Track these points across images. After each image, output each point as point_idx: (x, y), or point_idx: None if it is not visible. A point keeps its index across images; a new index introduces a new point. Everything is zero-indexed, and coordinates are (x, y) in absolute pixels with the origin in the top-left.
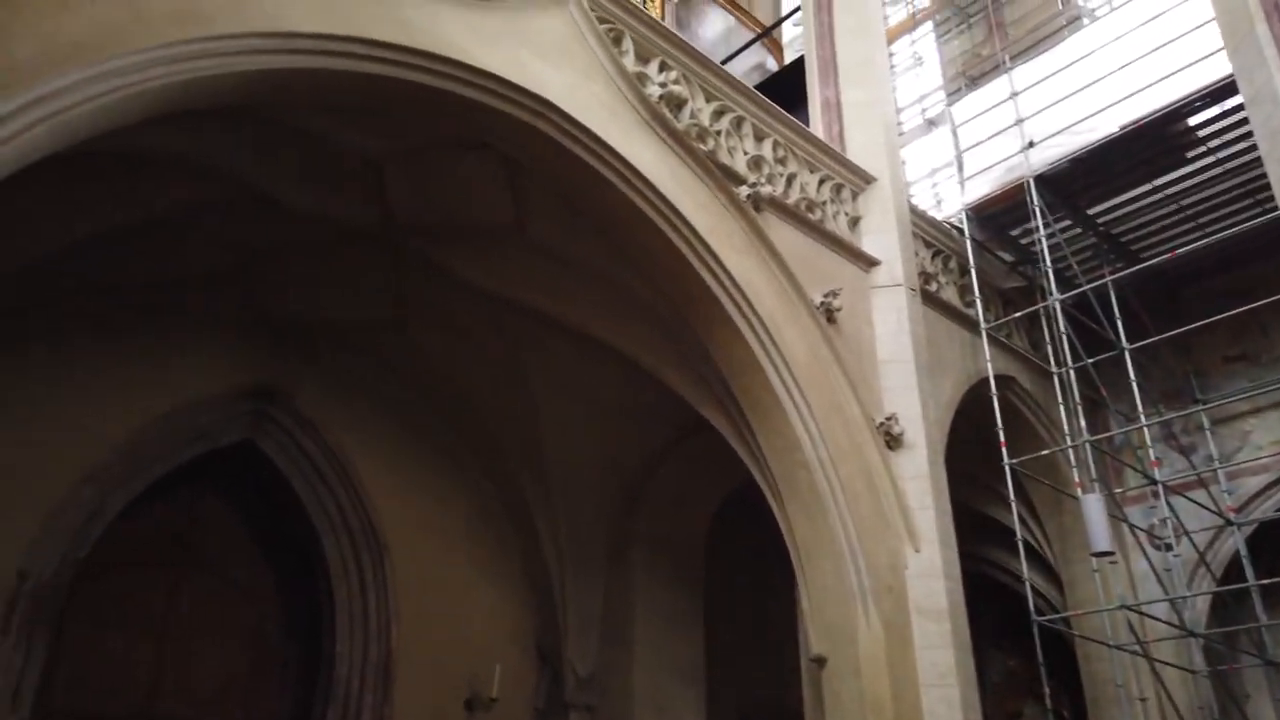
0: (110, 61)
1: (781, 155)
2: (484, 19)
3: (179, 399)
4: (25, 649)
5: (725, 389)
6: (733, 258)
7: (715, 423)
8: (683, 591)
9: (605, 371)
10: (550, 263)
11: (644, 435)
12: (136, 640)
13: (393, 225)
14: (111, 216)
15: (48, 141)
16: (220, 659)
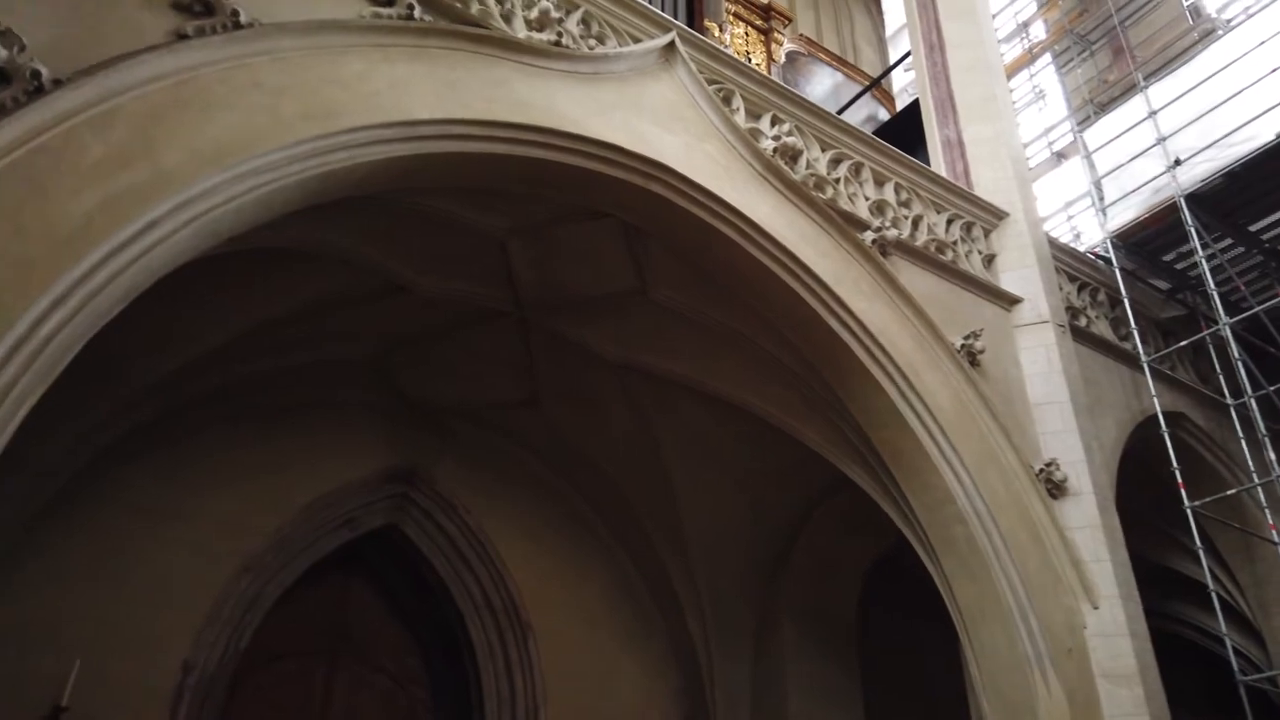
0: (250, 161)
1: (905, 198)
2: (596, 91)
3: (324, 487)
4: None
5: (866, 443)
6: (862, 304)
7: (858, 480)
8: (836, 662)
9: (739, 433)
10: (676, 326)
11: (784, 498)
12: None
13: (519, 302)
14: (254, 314)
15: (194, 242)
16: None
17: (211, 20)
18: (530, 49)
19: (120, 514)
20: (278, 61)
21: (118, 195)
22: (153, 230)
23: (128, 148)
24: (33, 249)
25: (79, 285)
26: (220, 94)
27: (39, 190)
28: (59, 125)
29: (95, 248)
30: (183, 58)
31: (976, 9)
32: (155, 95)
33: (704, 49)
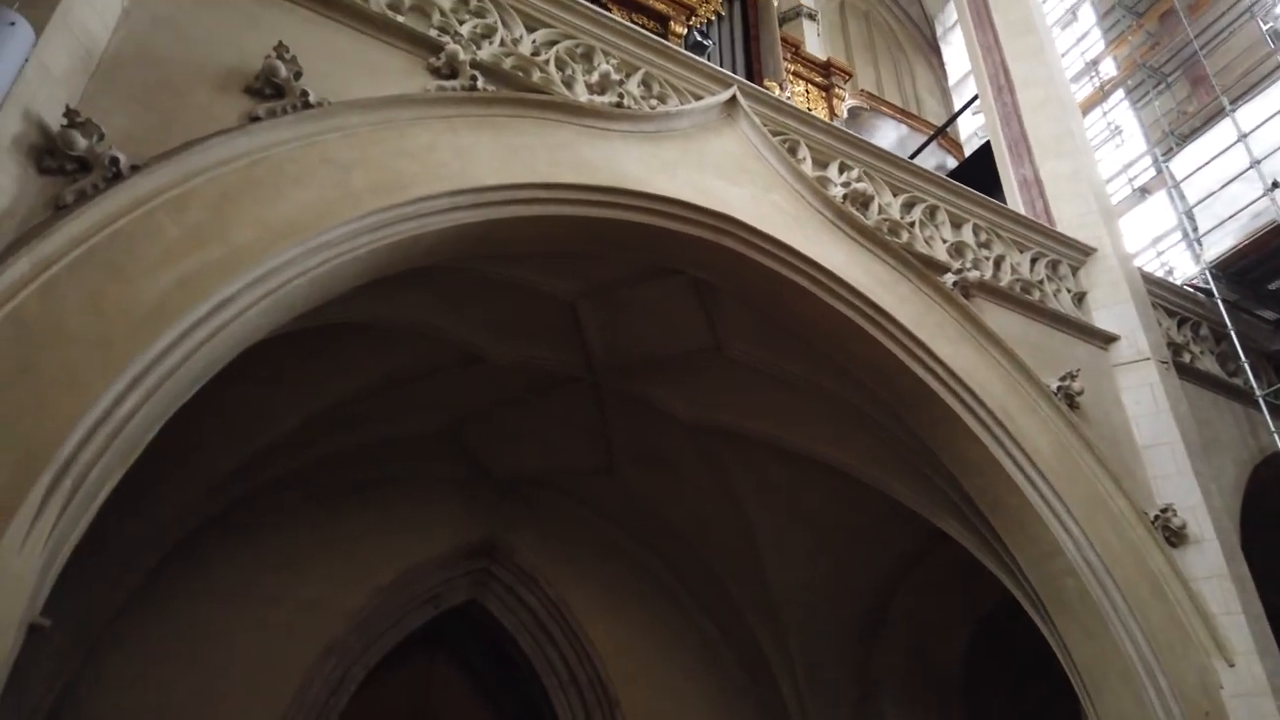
0: (321, 235)
1: (984, 239)
2: (659, 149)
3: (405, 564)
4: None
5: (961, 495)
6: (947, 349)
7: (956, 534)
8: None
9: (826, 491)
10: (753, 382)
11: (878, 557)
12: None
13: (592, 366)
14: (328, 392)
15: (269, 318)
16: None
17: (282, 102)
18: (593, 112)
19: (202, 600)
20: (347, 137)
21: (192, 274)
22: (227, 307)
23: (202, 228)
24: (111, 329)
25: (156, 364)
26: (291, 171)
27: (117, 273)
28: (136, 209)
29: (171, 326)
30: (255, 139)
31: (1044, 48)
32: (228, 176)
33: (766, 101)
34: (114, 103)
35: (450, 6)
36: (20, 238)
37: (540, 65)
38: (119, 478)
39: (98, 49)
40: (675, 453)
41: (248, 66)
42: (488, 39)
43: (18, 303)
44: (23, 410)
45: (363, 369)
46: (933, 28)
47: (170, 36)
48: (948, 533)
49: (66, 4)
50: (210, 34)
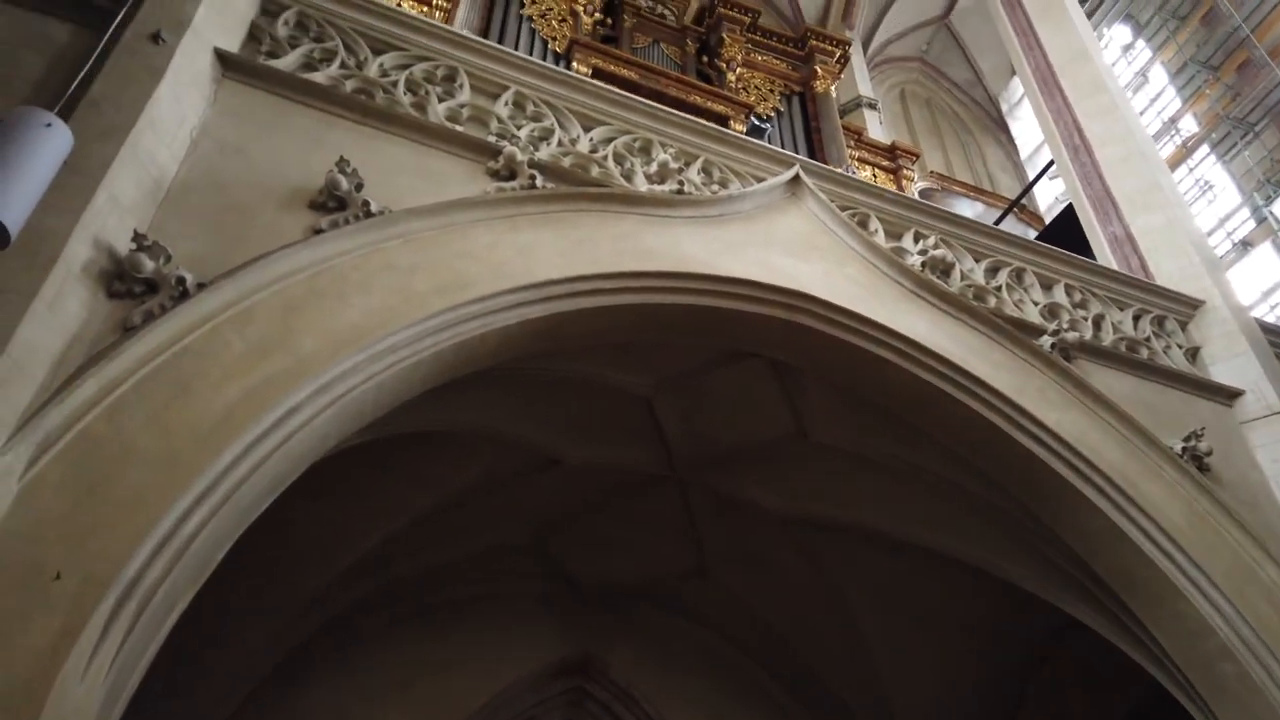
0: (386, 339)
1: (1079, 299)
2: (722, 232)
3: (497, 688)
4: None
5: (1088, 574)
6: (1053, 415)
7: (1088, 620)
8: None
9: (937, 582)
10: (843, 467)
11: (1003, 650)
12: None
13: (674, 462)
14: (407, 507)
15: (337, 425)
16: None
17: (345, 213)
18: (653, 200)
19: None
20: (409, 243)
21: (257, 386)
22: (293, 416)
23: (267, 340)
24: (176, 446)
25: (222, 478)
26: (355, 279)
27: (183, 389)
28: (202, 326)
29: (236, 439)
30: (318, 250)
31: (1117, 105)
32: (293, 288)
33: (830, 177)
34: (182, 227)
35: (508, 114)
36: (88, 360)
37: (599, 161)
38: (188, 600)
39: (167, 178)
40: (770, 550)
41: (312, 183)
42: (545, 140)
43: (85, 424)
44: (87, 532)
45: (439, 481)
46: (998, 106)
47: (237, 162)
48: (1080, 619)
49: (135, 136)
50: (276, 157)
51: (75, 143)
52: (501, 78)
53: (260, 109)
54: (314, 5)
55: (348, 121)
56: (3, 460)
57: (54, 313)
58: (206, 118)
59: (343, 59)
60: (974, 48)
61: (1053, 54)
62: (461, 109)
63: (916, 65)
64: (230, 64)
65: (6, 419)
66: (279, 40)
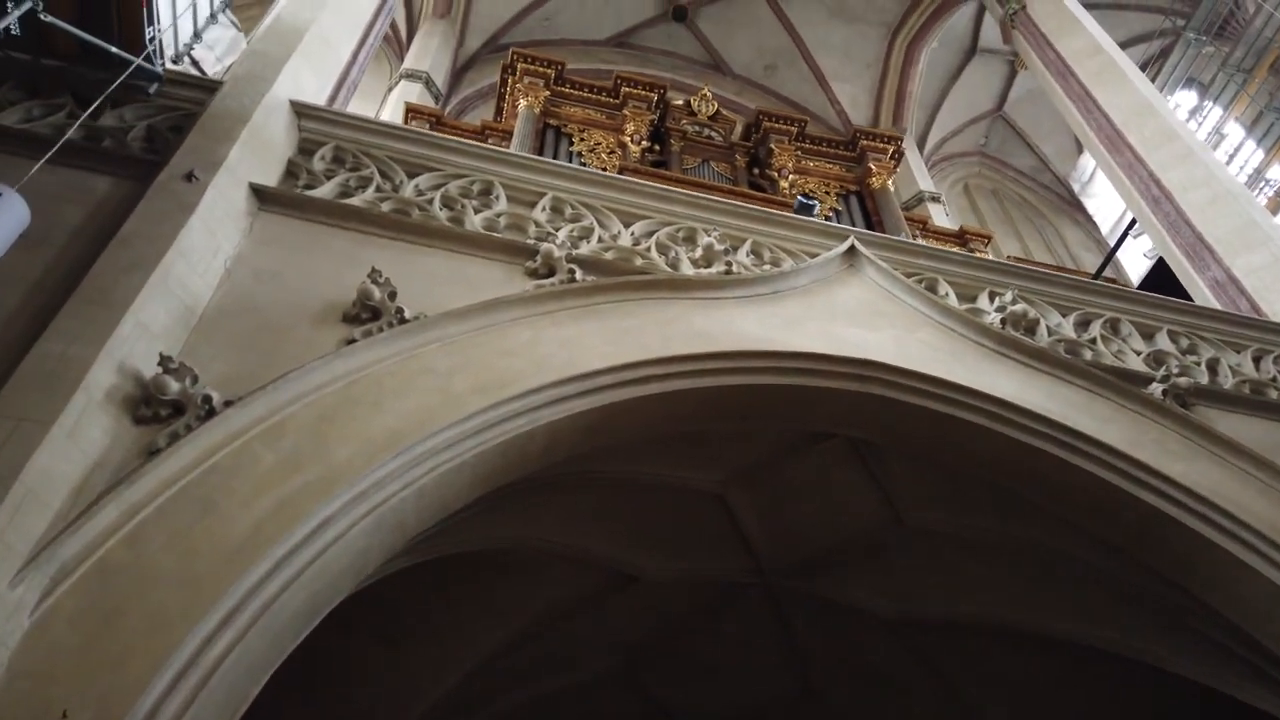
0: (424, 443)
1: (1186, 345)
2: (779, 309)
3: None
4: None
5: (1251, 647)
6: (1178, 467)
7: (1261, 703)
8: None
9: (1081, 679)
10: (949, 553)
11: None
12: None
13: (761, 568)
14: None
15: (378, 538)
16: None
17: (378, 322)
18: (701, 283)
19: None
20: (447, 346)
21: (289, 498)
22: (327, 528)
23: (299, 452)
24: (200, 566)
25: (250, 597)
26: (390, 385)
27: (209, 508)
28: (231, 444)
29: (265, 554)
30: (351, 361)
31: (1193, 150)
32: (326, 399)
33: (890, 245)
34: (215, 350)
35: (546, 218)
36: (108, 486)
37: (641, 253)
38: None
39: (200, 305)
40: (881, 659)
41: (346, 298)
42: (585, 239)
43: (103, 552)
44: (100, 666)
45: (511, 608)
46: (1068, 186)
47: (271, 286)
48: (1252, 704)
49: (165, 266)
50: (310, 276)
51: (103, 276)
52: (537, 185)
53: (296, 234)
54: (349, 138)
55: (383, 239)
56: (14, 594)
57: (74, 440)
58: (242, 248)
59: (378, 184)
60: (1034, 134)
61: (1114, 114)
62: (499, 218)
63: (977, 158)
64: (266, 197)
65: (19, 548)
66: (315, 174)
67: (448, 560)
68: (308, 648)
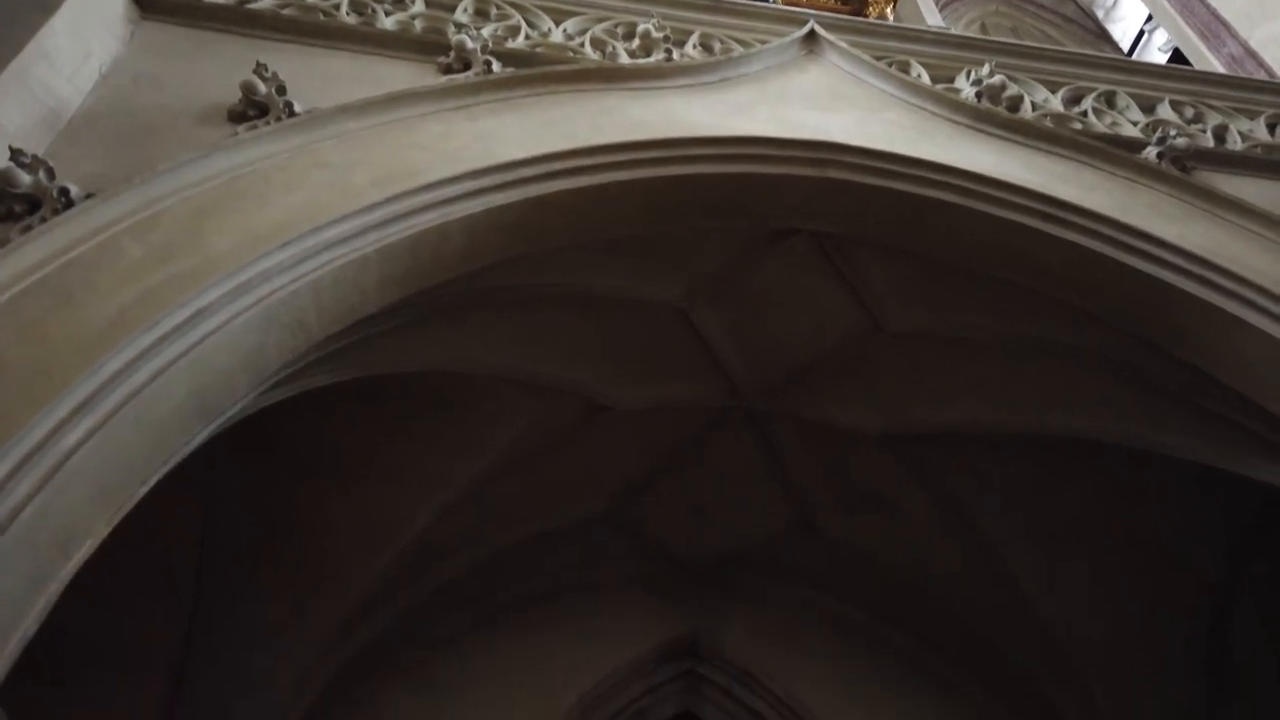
0: (315, 235)
1: (1191, 114)
2: (728, 95)
3: (593, 680)
4: None
5: (1265, 420)
6: (1172, 229)
7: (1270, 476)
8: None
9: (1079, 479)
10: (934, 357)
11: (1189, 557)
12: None
13: (738, 390)
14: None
15: (274, 337)
16: None
17: (266, 118)
18: (639, 72)
19: None
20: (345, 141)
21: (156, 287)
22: (204, 319)
23: (172, 244)
24: (51, 357)
25: (112, 385)
26: (279, 180)
27: (66, 300)
28: (94, 238)
29: (127, 341)
30: (235, 156)
31: None
32: (205, 195)
33: (855, 28)
34: (83, 151)
35: (468, 19)
36: None
37: (574, 49)
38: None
39: (67, 110)
40: (875, 479)
41: (234, 98)
42: (510, 39)
43: None
44: None
45: (475, 446)
46: (1094, 16)
47: (151, 90)
48: (1267, 480)
49: (22, 67)
50: (196, 82)
51: None
52: None
53: (183, 42)
54: None
55: (280, 43)
56: None
57: None
58: (120, 54)
59: None
60: None
61: None
62: (414, 20)
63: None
64: (148, 5)
65: None
66: None
67: (392, 391)
68: (263, 504)
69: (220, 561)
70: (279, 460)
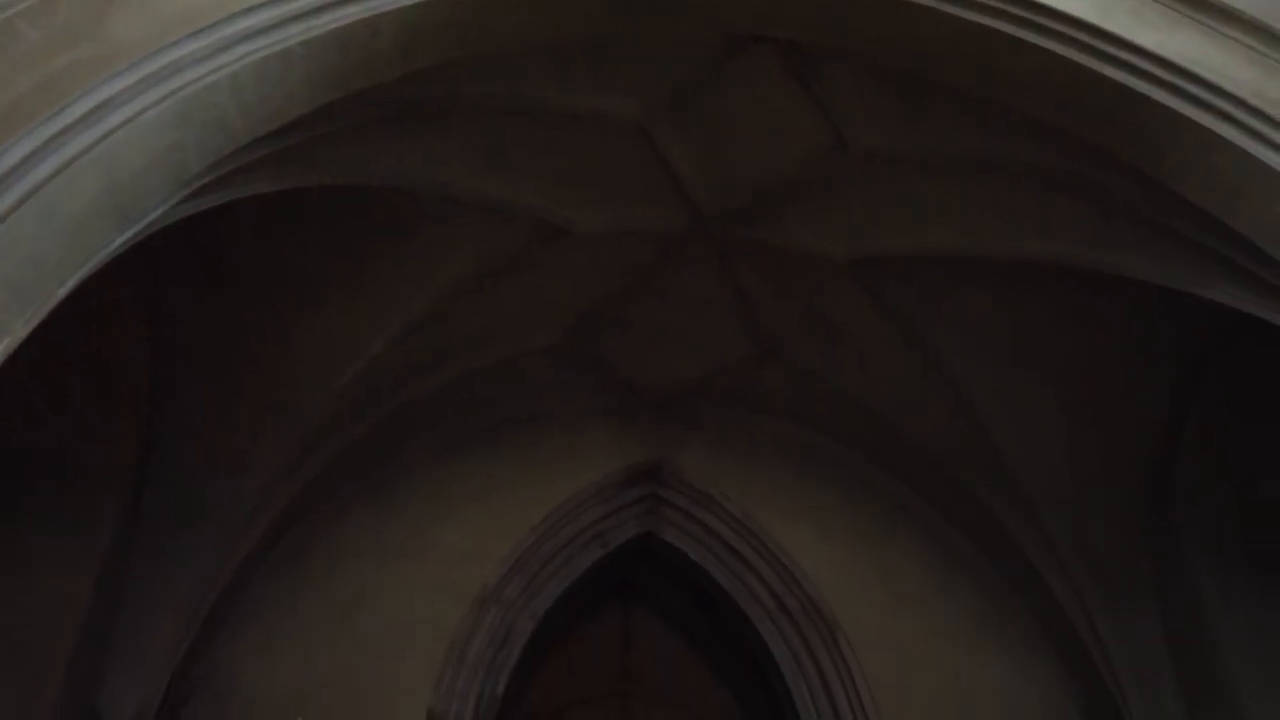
0: (233, 23)
1: None
2: None
3: (555, 502)
4: None
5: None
6: (1152, 37)
7: (1234, 301)
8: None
9: (1046, 307)
10: (900, 180)
11: (1145, 379)
12: None
13: (701, 214)
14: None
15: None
16: None
17: None
18: None
19: (338, 564)
20: None
21: (57, 74)
22: (111, 111)
23: (73, 28)
24: None
25: (13, 176)
26: None
27: None
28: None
29: (26, 132)
30: None
31: None
32: None
33: None
34: None
35: None
36: None
37: None
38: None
39: None
40: (837, 307)
41: None
42: None
43: None
44: None
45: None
46: None
47: None
48: (1224, 302)
49: None
50: None
51: None
52: None
53: None
54: None
55: None
56: None
57: None
58: None
59: None
60: None
61: None
62: None
63: None
64: None
65: None
66: None
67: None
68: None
69: (173, 386)
70: (229, 284)
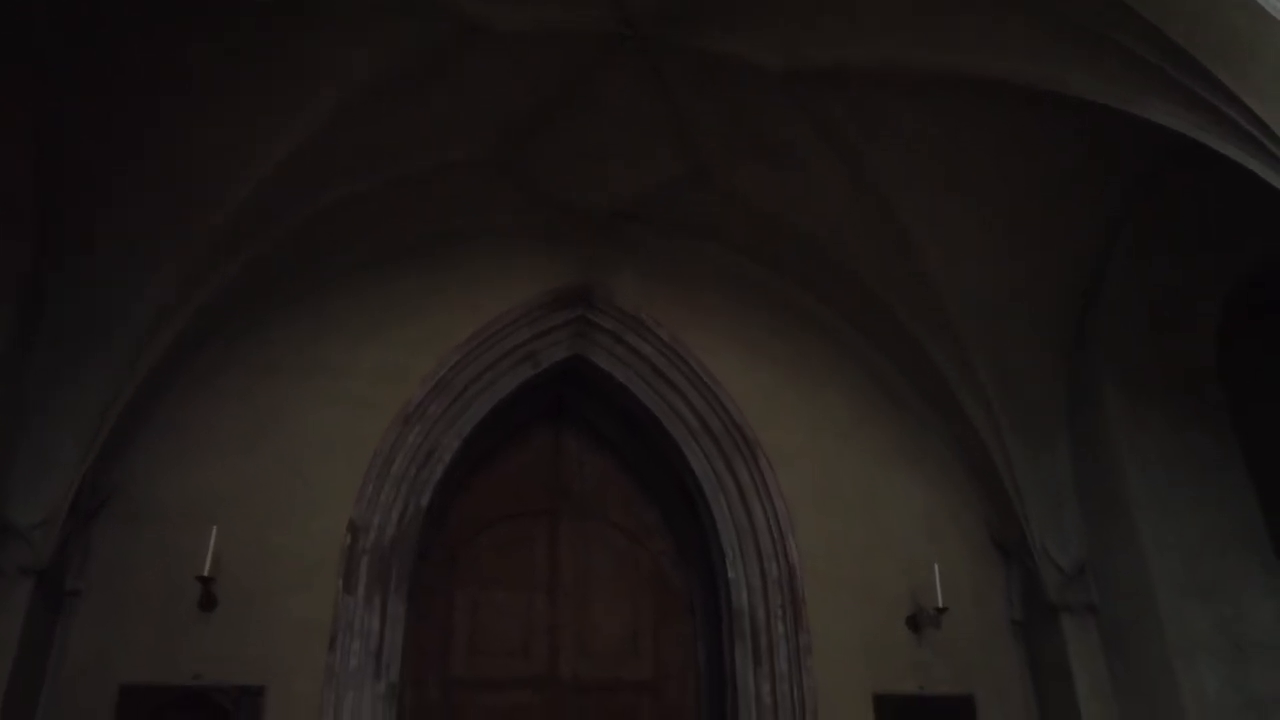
0: None
1: None
2: None
3: (483, 321)
4: (380, 610)
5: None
6: None
7: (1168, 120)
8: (1193, 426)
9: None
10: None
11: (1074, 215)
12: (524, 598)
13: (630, 16)
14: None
15: None
16: (620, 609)
17: None
18: None
19: (259, 377)
20: None
21: None
22: None
23: None
24: None
25: None
26: None
27: None
28: None
29: None
30: None
31: None
32: None
33: None
34: None
35: None
36: None
37: None
38: None
39: None
40: (773, 126)
41: None
42: None
43: None
44: None
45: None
46: None
47: None
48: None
49: None
50: None
51: None
52: None
53: None
54: None
55: None
56: None
57: None
58: None
59: None
60: None
61: None
62: None
63: None
64: None
65: None
66: None
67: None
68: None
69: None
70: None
